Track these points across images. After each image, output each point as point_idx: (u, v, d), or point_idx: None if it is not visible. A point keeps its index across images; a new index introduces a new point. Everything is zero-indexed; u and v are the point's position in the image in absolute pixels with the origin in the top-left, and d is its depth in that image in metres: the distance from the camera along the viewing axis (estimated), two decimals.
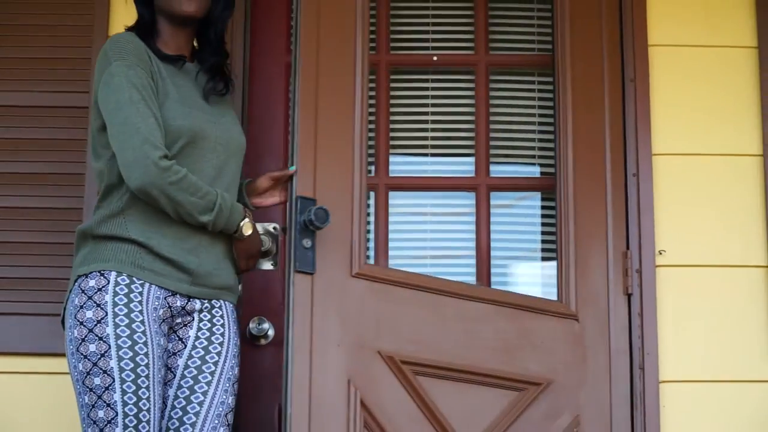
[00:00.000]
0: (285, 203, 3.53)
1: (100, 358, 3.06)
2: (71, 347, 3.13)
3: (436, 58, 4.42)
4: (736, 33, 4.31)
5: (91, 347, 3.08)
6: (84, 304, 3.13)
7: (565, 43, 4.22)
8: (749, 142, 4.24)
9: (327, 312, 3.60)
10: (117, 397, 3.04)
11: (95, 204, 3.31)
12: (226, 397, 3.26)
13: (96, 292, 3.12)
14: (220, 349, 3.29)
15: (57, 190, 4.14)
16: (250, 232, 3.28)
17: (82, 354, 3.09)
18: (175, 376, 3.22)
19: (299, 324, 3.47)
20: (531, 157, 4.42)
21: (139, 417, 3.05)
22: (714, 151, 4.24)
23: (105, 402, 3.05)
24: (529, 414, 3.91)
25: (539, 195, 4.38)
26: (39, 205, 4.13)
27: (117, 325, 3.07)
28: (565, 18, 4.23)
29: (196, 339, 3.27)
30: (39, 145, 4.16)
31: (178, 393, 3.21)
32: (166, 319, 3.22)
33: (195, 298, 3.27)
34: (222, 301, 3.35)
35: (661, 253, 4.14)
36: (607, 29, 4.26)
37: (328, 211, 3.44)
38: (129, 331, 3.07)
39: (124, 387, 3.04)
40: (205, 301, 3.30)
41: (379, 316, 3.71)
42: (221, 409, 3.23)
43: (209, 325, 3.30)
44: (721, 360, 4.09)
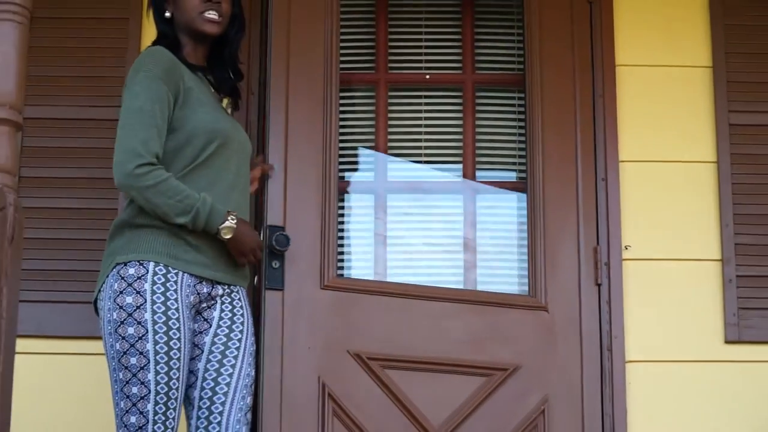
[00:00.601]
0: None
1: (137, 341, 3.04)
2: (108, 328, 3.10)
3: (428, 77, 4.41)
4: (693, 55, 4.30)
5: (130, 330, 3.05)
6: (124, 290, 3.08)
7: (538, 63, 4.20)
8: (704, 150, 4.22)
9: (297, 321, 3.77)
10: (151, 376, 3.02)
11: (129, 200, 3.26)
12: (249, 369, 3.24)
13: (135, 280, 3.08)
14: (242, 327, 3.26)
15: (92, 193, 4.12)
16: (229, 236, 3.15)
17: (120, 335, 3.06)
18: (202, 351, 3.19)
19: (270, 333, 3.67)
20: (512, 163, 4.39)
21: (169, 395, 3.04)
22: (674, 158, 4.23)
23: (139, 380, 3.03)
24: (498, 396, 3.94)
25: (516, 197, 4.35)
26: (76, 206, 4.11)
27: (155, 311, 3.04)
28: (535, 39, 4.22)
29: (220, 319, 3.23)
30: (76, 153, 4.15)
31: (208, 366, 3.17)
32: (196, 305, 3.19)
33: (218, 284, 3.23)
34: (238, 287, 3.32)
35: (627, 248, 4.13)
36: (579, 51, 4.25)
37: (288, 237, 3.67)
38: (165, 317, 3.05)
39: (157, 368, 3.03)
40: (226, 286, 3.26)
41: (347, 321, 3.84)
42: (247, 380, 3.21)
43: (231, 307, 3.26)
44: (680, 342, 4.09)
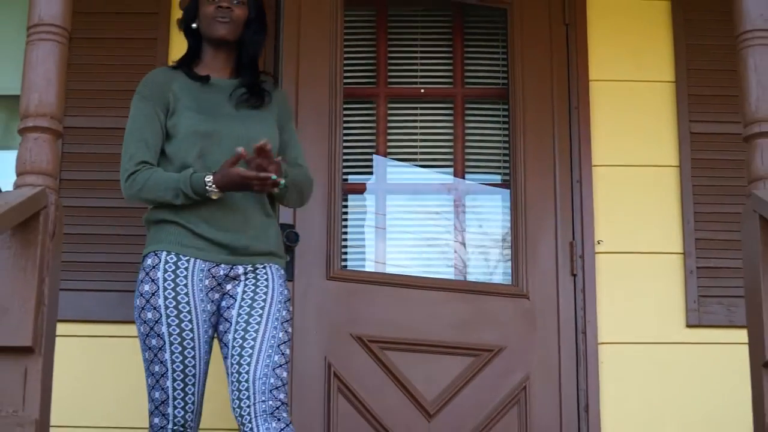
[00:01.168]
0: None
1: (155, 324, 3.03)
2: (135, 313, 3.09)
3: (423, 91, 4.40)
4: (658, 71, 4.29)
5: (148, 314, 3.05)
6: (143, 279, 3.09)
7: (520, 79, 4.21)
8: (668, 156, 4.22)
9: (306, 308, 3.80)
10: (167, 356, 3.02)
11: None
12: (276, 332, 3.06)
13: (151, 269, 3.08)
14: (265, 297, 3.11)
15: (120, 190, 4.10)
16: (217, 196, 3.06)
17: (142, 319, 3.06)
18: (231, 324, 3.08)
19: None
20: (497, 167, 4.38)
21: (185, 372, 3.02)
22: (641, 163, 4.22)
23: (159, 359, 3.03)
24: (484, 374, 3.96)
25: (500, 197, 4.34)
26: (110, 205, 4.08)
27: (166, 297, 3.03)
28: (518, 57, 4.23)
29: (244, 293, 3.12)
30: (110, 158, 4.04)
31: (236, 336, 3.06)
32: (214, 287, 3.12)
33: (238, 265, 3.14)
34: (267, 265, 3.17)
35: (599, 243, 4.12)
36: (556, 68, 4.25)
37: (298, 233, 3.74)
38: (175, 302, 3.02)
39: (171, 348, 3.02)
40: (248, 266, 3.15)
41: (351, 307, 3.87)
42: (273, 342, 3.04)
43: (254, 281, 3.13)
44: (647, 326, 4.08)
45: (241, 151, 2.96)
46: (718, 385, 3.97)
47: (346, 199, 4.29)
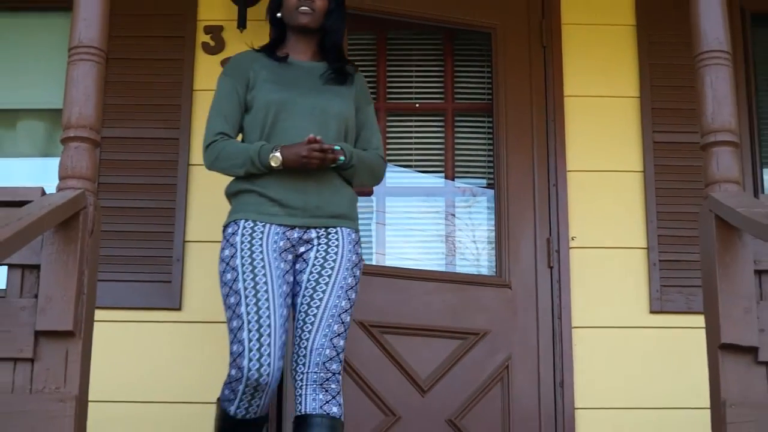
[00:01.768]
0: None
1: (233, 283, 2.92)
2: (219, 279, 2.99)
3: (417, 105, 4.39)
4: (625, 87, 4.28)
5: (228, 276, 2.94)
6: (224, 246, 3.00)
7: (503, 94, 4.21)
8: (633, 162, 4.21)
9: None
10: (243, 309, 2.87)
11: None
12: (339, 301, 2.98)
13: (231, 236, 2.99)
14: (333, 264, 3.00)
15: (154, 195, 4.10)
16: (276, 164, 2.95)
17: (224, 282, 2.95)
18: (300, 289, 3.00)
19: None
20: (483, 172, 4.37)
21: (260, 323, 2.85)
22: (610, 168, 4.21)
23: (236, 314, 2.88)
24: (471, 355, 3.95)
25: (486, 198, 4.33)
26: (142, 206, 4.08)
27: (242, 257, 2.93)
28: (501, 75, 4.22)
29: (315, 259, 3.00)
30: (141, 164, 4.13)
31: (302, 301, 2.98)
32: (288, 249, 3.00)
33: (310, 228, 3.02)
34: (338, 228, 3.05)
35: (573, 239, 4.11)
36: (535, 85, 4.24)
37: None
38: (250, 260, 2.92)
39: (246, 302, 2.87)
40: (321, 229, 3.03)
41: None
42: (334, 310, 2.96)
43: (326, 247, 3.02)
44: (616, 312, 4.07)
45: (311, 137, 2.91)
46: (678, 365, 3.96)
47: None
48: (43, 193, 2.64)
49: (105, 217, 3.97)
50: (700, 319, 2.78)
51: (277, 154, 2.95)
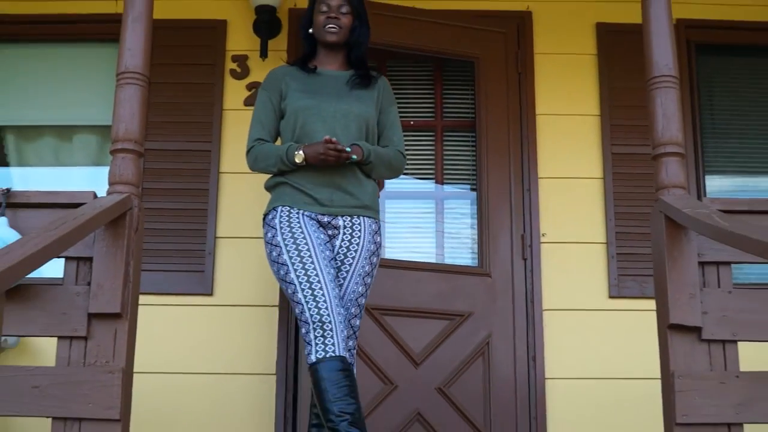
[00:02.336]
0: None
1: (278, 256, 2.83)
2: (268, 258, 2.89)
3: (412, 123, 4.37)
4: (588, 107, 4.27)
5: (274, 253, 2.85)
6: (266, 230, 2.92)
7: (484, 113, 4.19)
8: (595, 170, 4.20)
9: None
10: (293, 276, 2.76)
11: None
12: (356, 287, 2.90)
13: (271, 220, 2.92)
14: (355, 254, 2.92)
15: (190, 198, 4.10)
16: (300, 160, 2.89)
17: (271, 260, 2.86)
18: None
19: None
20: (468, 178, 4.36)
21: (311, 281, 2.74)
22: (575, 175, 4.20)
23: (289, 282, 2.77)
24: (457, 333, 3.95)
25: (470, 201, 4.31)
26: (179, 207, 4.08)
27: (283, 233, 2.85)
28: (482, 98, 4.21)
29: (339, 247, 2.92)
30: (178, 172, 4.12)
31: None
32: (320, 227, 2.92)
33: (337, 216, 2.94)
34: (361, 218, 2.97)
35: (543, 235, 4.11)
36: (511, 105, 4.23)
37: None
38: (291, 233, 2.84)
39: (294, 268, 2.77)
40: (347, 218, 2.95)
41: None
42: (352, 295, 2.89)
43: (349, 237, 2.93)
44: (580, 297, 4.06)
45: (327, 137, 2.85)
46: (633, 342, 3.95)
47: None
48: (95, 196, 2.63)
49: (147, 217, 3.98)
50: (651, 303, 2.76)
51: (300, 152, 2.90)
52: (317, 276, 2.75)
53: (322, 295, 2.72)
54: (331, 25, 3.06)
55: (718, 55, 4.38)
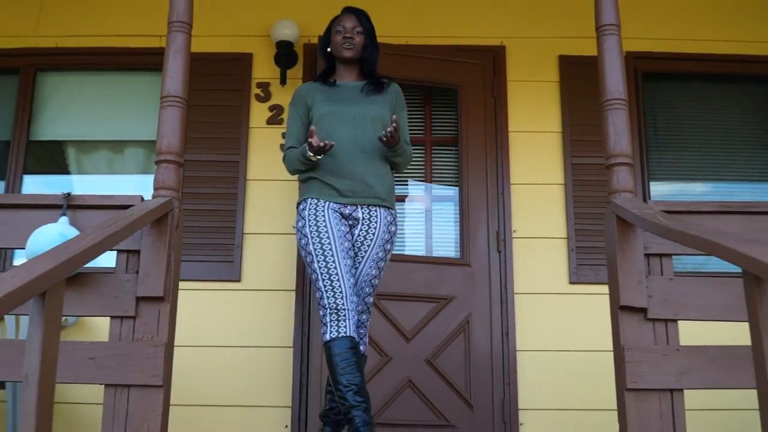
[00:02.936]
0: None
1: (306, 245, 2.77)
2: (298, 243, 2.83)
3: None
4: (551, 125, 4.25)
5: (302, 241, 2.79)
6: (298, 219, 2.86)
7: (466, 131, 4.18)
8: (558, 177, 4.18)
9: None
10: (316, 264, 2.73)
11: None
12: (371, 270, 2.84)
13: (302, 211, 2.86)
14: (371, 242, 2.85)
15: (222, 201, 4.08)
16: (313, 158, 2.83)
17: (301, 246, 2.80)
18: None
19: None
20: (452, 183, 4.34)
21: (330, 271, 2.71)
22: (541, 182, 4.17)
23: (313, 270, 2.74)
24: (442, 314, 3.93)
25: (453, 202, 4.29)
26: (212, 208, 4.06)
27: (310, 225, 2.79)
28: (464, 117, 4.18)
29: (358, 236, 2.85)
30: (213, 180, 4.11)
31: None
32: (342, 218, 2.85)
33: (357, 207, 2.86)
34: (378, 208, 2.88)
35: (515, 232, 4.09)
36: (487, 124, 4.21)
37: None
38: (316, 225, 2.78)
39: (316, 257, 2.73)
40: (365, 208, 2.86)
41: None
42: (367, 277, 2.84)
43: (367, 227, 2.86)
44: (546, 282, 4.04)
45: (309, 135, 2.77)
46: (590, 320, 3.94)
47: None
48: (142, 199, 2.62)
49: (186, 217, 3.99)
50: (605, 288, 2.76)
51: (310, 154, 2.85)
52: (336, 268, 2.73)
53: (339, 286, 2.71)
54: (347, 44, 3.02)
55: (660, 81, 4.38)
